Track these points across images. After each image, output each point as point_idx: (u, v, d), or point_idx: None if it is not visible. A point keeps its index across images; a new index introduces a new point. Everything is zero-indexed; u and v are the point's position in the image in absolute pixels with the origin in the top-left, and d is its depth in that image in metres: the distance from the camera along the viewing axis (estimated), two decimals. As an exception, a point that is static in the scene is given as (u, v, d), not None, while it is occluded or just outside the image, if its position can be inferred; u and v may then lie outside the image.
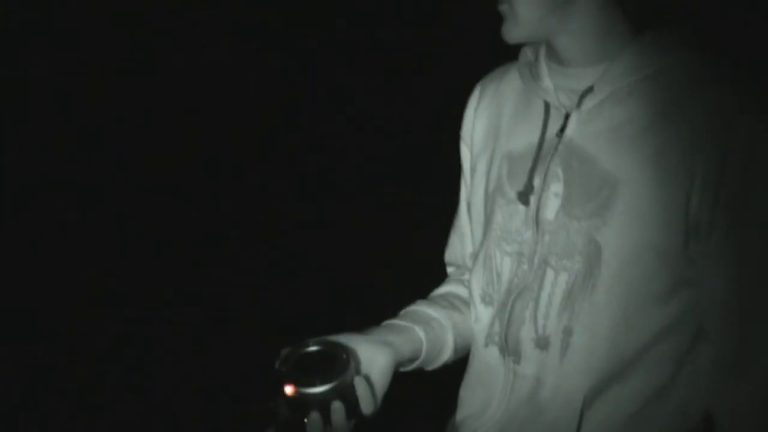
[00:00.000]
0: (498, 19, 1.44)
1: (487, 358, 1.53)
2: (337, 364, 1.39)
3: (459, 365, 1.63)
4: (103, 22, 4.90)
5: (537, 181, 1.46)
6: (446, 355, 1.60)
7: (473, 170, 1.62)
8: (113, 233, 4.71)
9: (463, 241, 1.69)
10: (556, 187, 1.43)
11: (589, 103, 1.41)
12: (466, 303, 1.62)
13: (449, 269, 1.76)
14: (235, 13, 5.09)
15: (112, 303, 4.29)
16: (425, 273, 1.85)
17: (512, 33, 1.42)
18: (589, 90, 1.41)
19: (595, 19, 1.40)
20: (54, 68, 4.83)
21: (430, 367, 1.61)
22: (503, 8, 1.41)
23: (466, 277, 1.64)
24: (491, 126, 1.59)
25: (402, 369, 1.54)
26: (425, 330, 1.55)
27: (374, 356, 1.46)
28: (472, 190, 1.62)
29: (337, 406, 1.37)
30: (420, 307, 1.61)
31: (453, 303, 1.64)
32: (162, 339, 4.06)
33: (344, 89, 5.05)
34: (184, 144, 4.96)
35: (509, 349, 1.48)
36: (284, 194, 4.91)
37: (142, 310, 4.25)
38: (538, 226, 1.45)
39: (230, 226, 4.77)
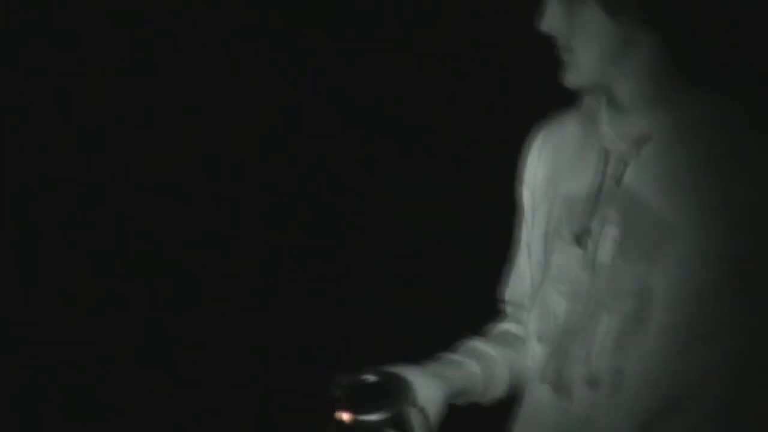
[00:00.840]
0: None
1: (539, 395, 1.57)
2: (393, 394, 1.43)
3: (510, 400, 1.67)
4: (102, 21, 4.88)
5: (594, 225, 1.50)
6: (500, 390, 1.65)
7: (534, 213, 1.66)
8: (112, 233, 4.70)
9: (521, 281, 1.74)
10: (613, 231, 1.48)
11: (646, 149, 1.46)
12: (521, 341, 1.67)
13: (507, 308, 1.81)
14: (236, 13, 5.07)
15: (111, 303, 4.29)
16: (436, 278, 1.87)
17: (574, 80, 1.47)
18: (647, 137, 1.46)
19: (653, 65, 1.44)
20: (53, 68, 4.80)
21: (483, 402, 1.65)
22: (566, 57, 1.46)
23: (523, 315, 1.68)
24: (552, 170, 1.63)
25: (455, 402, 1.58)
26: (481, 366, 1.61)
27: (429, 388, 1.50)
28: (531, 231, 1.67)
29: None
30: (476, 343, 1.67)
31: (509, 341, 1.70)
32: (161, 339, 4.07)
33: (346, 89, 5.05)
34: (184, 144, 4.95)
35: (562, 387, 1.52)
36: (284, 194, 4.91)
37: (142, 310, 4.25)
38: (594, 269, 1.49)
39: (230, 226, 4.77)
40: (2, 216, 4.56)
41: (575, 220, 1.53)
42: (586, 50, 1.44)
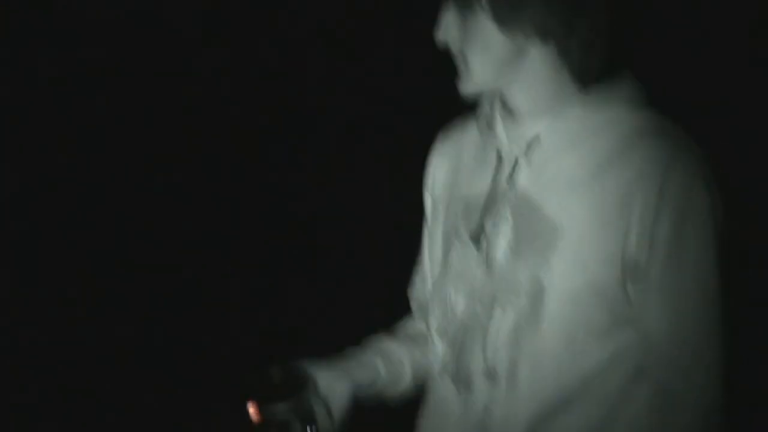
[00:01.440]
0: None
1: (442, 389, 1.63)
2: (296, 385, 1.51)
3: (418, 397, 1.72)
4: (102, 21, 4.93)
5: (489, 225, 1.56)
6: (404, 386, 1.71)
7: (434, 215, 1.73)
8: (112, 233, 4.74)
9: (424, 280, 1.80)
10: (506, 230, 1.54)
11: (536, 151, 1.53)
12: (426, 338, 1.71)
13: (413, 305, 1.87)
14: (236, 13, 5.11)
15: (111, 303, 4.34)
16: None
17: (467, 87, 1.54)
18: (536, 140, 1.53)
19: (544, 73, 1.51)
20: (53, 68, 4.85)
21: (388, 397, 1.71)
22: (459, 64, 1.53)
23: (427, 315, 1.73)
24: (451, 174, 1.71)
25: (361, 396, 1.65)
26: (384, 361, 1.67)
27: (333, 382, 1.58)
28: (432, 233, 1.73)
29: (296, 427, 1.49)
30: (381, 341, 1.73)
31: (413, 337, 1.75)
32: (161, 339, 4.11)
33: (344, 92, 5.07)
34: (185, 144, 4.99)
35: (462, 380, 1.58)
36: (284, 194, 4.93)
37: (142, 309, 4.29)
38: (488, 266, 1.55)
39: (230, 226, 4.80)
40: (2, 216, 4.61)
41: (471, 221, 1.60)
42: (478, 59, 1.50)
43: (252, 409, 1.48)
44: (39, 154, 4.77)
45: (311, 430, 1.50)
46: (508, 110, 1.57)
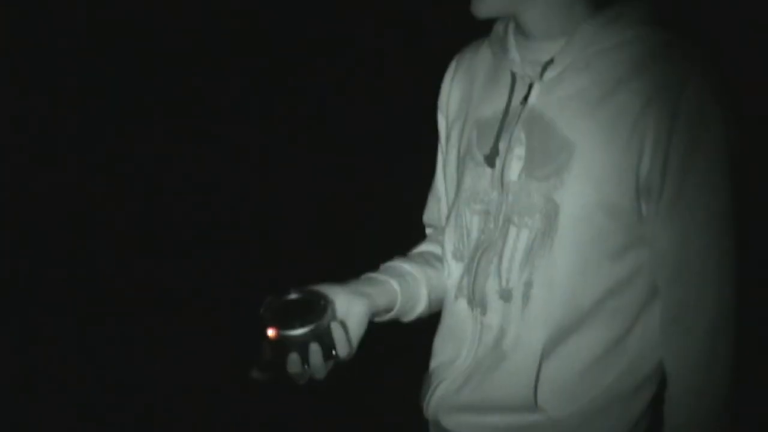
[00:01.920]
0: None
1: (457, 310, 1.65)
2: (315, 309, 1.51)
3: (435, 319, 1.73)
4: (101, 21, 4.93)
5: (502, 145, 1.57)
6: (420, 307, 1.70)
7: (448, 137, 1.73)
8: (111, 233, 4.76)
9: (439, 203, 1.81)
10: (520, 151, 1.55)
11: (550, 73, 1.53)
12: (441, 260, 1.73)
13: (427, 230, 1.88)
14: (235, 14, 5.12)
15: (109, 303, 4.38)
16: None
17: (481, 8, 1.52)
18: (550, 61, 1.52)
19: None
20: (52, 68, 4.84)
21: (405, 319, 1.71)
22: None
23: (442, 237, 1.73)
24: (464, 96, 1.71)
25: (378, 319, 1.65)
26: (400, 283, 1.66)
27: (351, 304, 1.57)
28: (446, 155, 1.74)
29: (314, 348, 1.48)
30: (397, 263, 1.72)
31: (428, 260, 1.75)
32: (160, 339, 4.12)
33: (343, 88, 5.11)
34: (184, 142, 5.01)
35: (476, 301, 1.60)
36: (283, 194, 4.94)
37: (141, 309, 4.32)
38: (503, 187, 1.56)
39: (229, 227, 4.82)
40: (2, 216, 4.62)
41: (485, 142, 1.60)
42: None
43: (271, 333, 1.48)
44: (38, 153, 4.81)
45: (329, 353, 1.50)
46: (522, 33, 1.57)
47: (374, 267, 1.71)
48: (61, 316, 4.21)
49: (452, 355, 1.64)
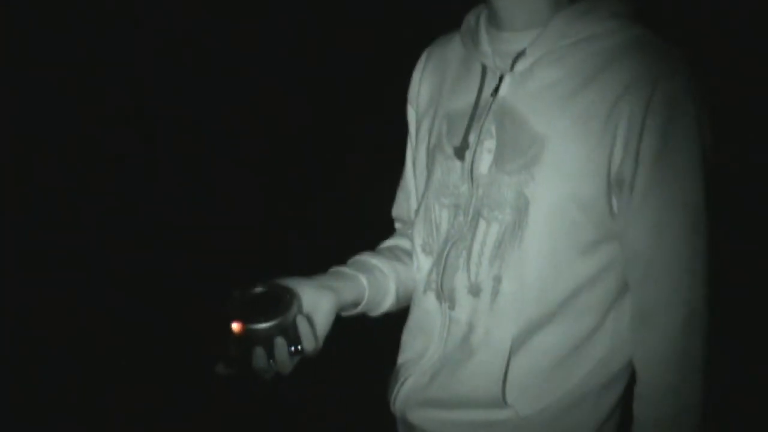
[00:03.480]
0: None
1: (425, 305, 1.63)
2: (281, 303, 1.49)
3: (404, 313, 1.72)
4: (102, 21, 4.89)
5: (472, 138, 1.55)
6: (388, 302, 1.69)
7: (418, 130, 1.71)
8: (111, 232, 4.73)
9: (408, 197, 1.79)
10: (490, 144, 1.53)
11: (521, 65, 1.51)
12: (410, 255, 1.72)
13: (396, 224, 1.86)
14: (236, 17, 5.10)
15: (109, 303, 4.34)
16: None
17: None
18: (522, 53, 1.51)
19: None
20: (52, 67, 4.80)
21: (373, 314, 1.69)
22: None
23: (411, 231, 1.72)
24: (435, 88, 1.69)
25: (345, 314, 1.63)
26: (368, 278, 1.64)
27: (317, 299, 1.54)
28: (416, 148, 1.72)
29: (279, 342, 1.46)
30: (365, 257, 1.70)
31: (397, 255, 1.73)
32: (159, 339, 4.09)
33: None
34: (187, 144, 4.98)
35: (445, 296, 1.58)
36: (283, 193, 4.93)
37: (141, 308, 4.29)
38: (473, 180, 1.55)
39: (231, 227, 4.79)
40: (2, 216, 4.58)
41: (455, 135, 1.59)
42: None
43: (236, 327, 1.46)
44: (37, 153, 4.76)
45: (295, 347, 1.48)
46: (494, 25, 1.55)
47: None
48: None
49: (420, 350, 1.63)
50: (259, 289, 1.52)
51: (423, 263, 1.63)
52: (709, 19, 3.33)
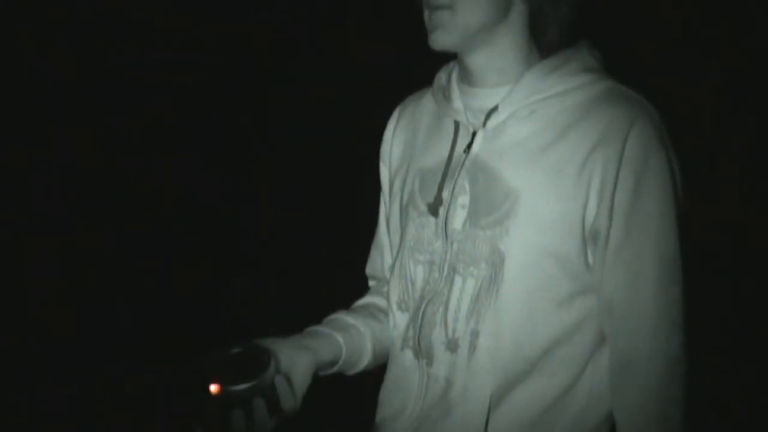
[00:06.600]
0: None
1: (403, 362, 1.62)
2: (258, 364, 1.48)
3: (381, 371, 1.71)
4: (101, 21, 4.90)
5: (446, 194, 1.56)
6: (365, 361, 1.68)
7: (391, 187, 1.73)
8: (110, 233, 4.71)
9: (382, 254, 1.80)
10: (463, 200, 1.54)
11: (493, 121, 1.53)
12: (385, 313, 1.71)
13: (370, 282, 1.86)
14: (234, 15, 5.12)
15: (109, 302, 4.33)
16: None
17: (444, 39, 1.49)
18: (494, 109, 1.52)
19: (516, 40, 1.52)
20: (51, 68, 4.80)
21: (350, 372, 1.69)
22: (443, 15, 1.48)
23: (386, 288, 1.72)
24: (407, 145, 1.70)
25: (323, 373, 1.62)
26: (344, 337, 1.64)
27: (294, 358, 1.54)
28: (390, 205, 1.73)
29: (258, 404, 1.45)
30: (340, 315, 1.70)
31: (372, 313, 1.73)
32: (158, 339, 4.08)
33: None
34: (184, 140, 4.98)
35: (422, 352, 1.58)
36: (283, 193, 4.92)
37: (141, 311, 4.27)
38: (447, 236, 1.55)
39: (230, 226, 4.78)
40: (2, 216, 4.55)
41: (428, 191, 1.60)
42: (469, 11, 1.47)
43: (214, 388, 1.45)
44: (37, 153, 4.72)
45: (274, 407, 1.47)
46: (465, 81, 1.57)
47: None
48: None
49: (399, 407, 1.62)
50: (235, 350, 1.51)
51: (399, 320, 1.63)
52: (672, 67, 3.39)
